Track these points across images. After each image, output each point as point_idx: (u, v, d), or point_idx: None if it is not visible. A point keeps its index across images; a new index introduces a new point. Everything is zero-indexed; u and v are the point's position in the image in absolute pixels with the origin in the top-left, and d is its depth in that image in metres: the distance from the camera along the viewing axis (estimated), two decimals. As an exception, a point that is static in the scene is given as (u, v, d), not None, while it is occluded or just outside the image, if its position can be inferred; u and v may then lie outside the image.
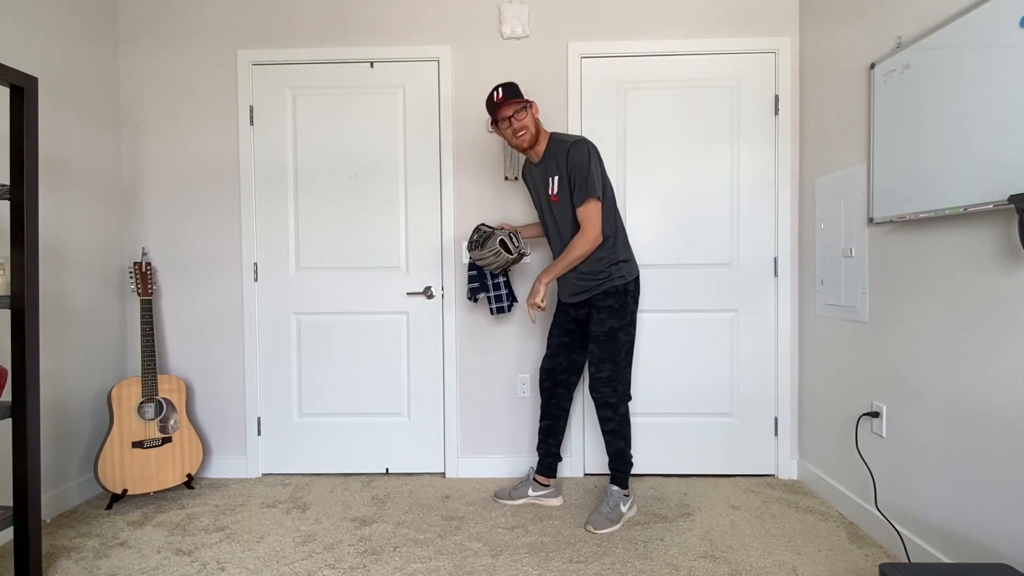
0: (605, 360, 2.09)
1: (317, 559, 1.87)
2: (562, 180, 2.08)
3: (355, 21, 2.57)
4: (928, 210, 1.68)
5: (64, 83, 2.31)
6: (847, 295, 2.16)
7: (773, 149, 2.52)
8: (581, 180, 2.02)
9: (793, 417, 2.56)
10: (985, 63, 1.49)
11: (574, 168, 2.03)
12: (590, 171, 2.01)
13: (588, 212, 2.03)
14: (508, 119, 2.07)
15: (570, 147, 2.05)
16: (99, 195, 2.47)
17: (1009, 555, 1.46)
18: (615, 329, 2.09)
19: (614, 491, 2.14)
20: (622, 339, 2.10)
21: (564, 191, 2.08)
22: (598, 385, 2.10)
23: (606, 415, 2.12)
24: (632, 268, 2.14)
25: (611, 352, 2.08)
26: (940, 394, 1.70)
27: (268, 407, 2.65)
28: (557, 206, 2.13)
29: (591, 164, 2.02)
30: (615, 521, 2.07)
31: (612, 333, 2.09)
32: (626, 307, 2.10)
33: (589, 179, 2.01)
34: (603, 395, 2.10)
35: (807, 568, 1.79)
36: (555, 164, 2.10)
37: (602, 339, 2.09)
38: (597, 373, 2.10)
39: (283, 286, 2.62)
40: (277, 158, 2.60)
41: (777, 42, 2.50)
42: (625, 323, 2.10)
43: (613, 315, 2.09)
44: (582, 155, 2.02)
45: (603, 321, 2.09)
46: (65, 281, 2.29)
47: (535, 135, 2.10)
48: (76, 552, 1.94)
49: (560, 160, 2.07)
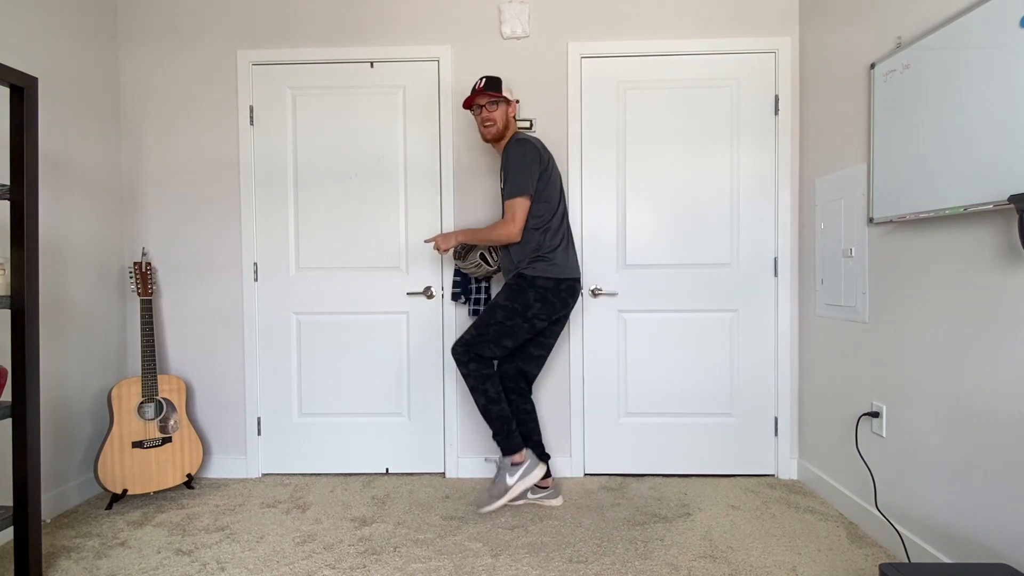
0: (474, 326, 2.13)
1: (317, 559, 1.87)
2: (502, 175, 2.16)
3: (355, 21, 2.57)
4: (928, 210, 1.68)
5: (64, 83, 2.31)
6: (847, 295, 2.16)
7: (773, 149, 2.52)
8: (513, 175, 2.07)
9: (793, 417, 2.56)
10: (985, 63, 1.49)
11: (508, 162, 2.09)
12: (523, 167, 2.06)
13: (512, 206, 2.08)
14: (480, 107, 2.16)
15: (508, 145, 2.13)
16: (99, 195, 2.47)
17: (1009, 555, 1.46)
18: (498, 305, 2.11)
19: (502, 462, 2.11)
20: (498, 318, 2.09)
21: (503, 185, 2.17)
22: (456, 344, 2.15)
23: (461, 372, 2.15)
24: (552, 268, 2.12)
25: (483, 321, 2.11)
26: (940, 394, 1.70)
27: (268, 407, 2.65)
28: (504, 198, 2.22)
29: (526, 161, 2.07)
30: (499, 496, 2.05)
31: (493, 307, 2.12)
32: (522, 294, 2.09)
33: (520, 175, 2.06)
34: (456, 353, 2.15)
35: (807, 568, 1.79)
36: (503, 159, 2.19)
37: (487, 308, 2.15)
38: (463, 334, 2.16)
39: (283, 286, 2.62)
40: (277, 158, 2.60)
41: (777, 42, 2.50)
42: (511, 307, 2.09)
43: (505, 292, 2.12)
44: (518, 152, 2.08)
45: (498, 295, 2.15)
46: (65, 281, 2.29)
47: (501, 131, 2.18)
48: (76, 552, 1.94)
49: (504, 156, 2.15)
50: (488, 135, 2.19)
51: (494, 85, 2.15)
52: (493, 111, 2.15)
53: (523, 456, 2.11)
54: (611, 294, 2.57)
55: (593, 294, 2.57)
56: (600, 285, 2.57)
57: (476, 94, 2.15)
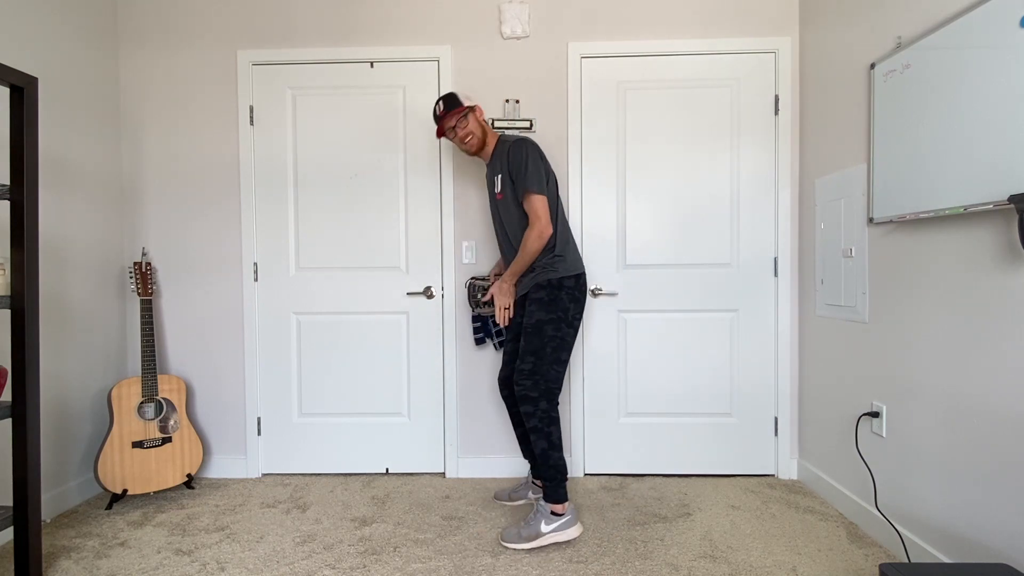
0: (528, 353, 2.01)
1: (317, 559, 1.87)
2: (504, 178, 2.09)
3: (355, 21, 2.57)
4: (928, 210, 1.68)
5: (64, 83, 2.31)
6: (847, 295, 2.16)
7: (773, 149, 2.52)
8: (520, 176, 2.02)
9: (793, 417, 2.56)
10: (985, 63, 1.49)
11: (514, 165, 2.04)
12: (528, 167, 2.02)
13: (532, 205, 2.01)
14: (452, 128, 2.12)
15: (509, 146, 2.07)
16: (99, 195, 2.47)
17: (1009, 555, 1.46)
18: (542, 322, 2.01)
19: (541, 507, 1.98)
20: (549, 333, 2.01)
21: (507, 188, 2.09)
22: (519, 377, 2.01)
23: (527, 410, 2.00)
24: (570, 265, 2.06)
25: (536, 345, 2.00)
26: (940, 394, 1.70)
27: (268, 407, 2.65)
28: (502, 204, 2.14)
29: (529, 160, 2.03)
30: (528, 539, 1.92)
31: (539, 326, 2.01)
32: (557, 302, 2.02)
33: (528, 174, 2.01)
34: (523, 388, 1.99)
35: (807, 568, 1.79)
36: (499, 164, 2.12)
37: (529, 331, 2.02)
38: (520, 366, 2.02)
39: (283, 286, 2.62)
40: (277, 158, 2.60)
41: (777, 42, 2.50)
42: (555, 318, 2.01)
43: (542, 308, 2.03)
44: (521, 152, 2.03)
45: (532, 313, 2.04)
46: (65, 281, 2.29)
47: (482, 139, 2.14)
48: (76, 552, 1.94)
49: (503, 160, 2.10)
50: (473, 147, 2.15)
51: (452, 102, 2.09)
52: (466, 125, 2.11)
53: (565, 508, 1.98)
54: (611, 294, 2.57)
55: (593, 294, 2.57)
56: (600, 285, 2.57)
57: (443, 119, 2.10)
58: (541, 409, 1.99)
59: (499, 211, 2.16)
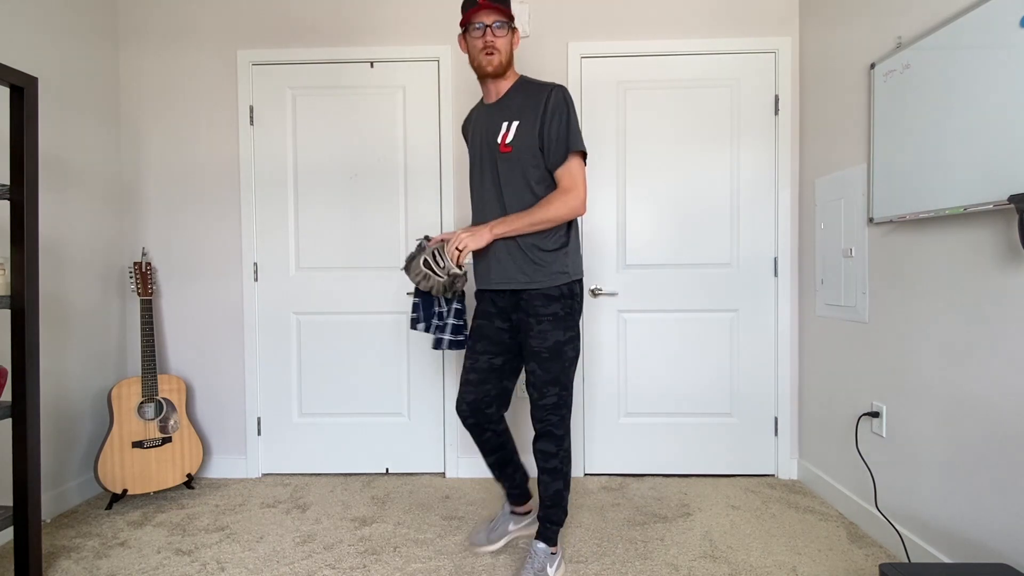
0: (549, 383, 1.67)
1: (317, 559, 1.87)
2: (525, 127, 1.65)
3: (355, 21, 2.57)
4: (928, 210, 1.68)
5: (64, 83, 2.31)
6: (847, 295, 2.16)
7: (773, 149, 2.52)
8: (563, 130, 1.62)
9: (793, 417, 2.56)
10: (985, 63, 1.49)
11: (555, 114, 1.62)
12: (573, 122, 1.64)
13: (572, 171, 1.63)
14: (485, 28, 1.62)
15: (553, 89, 1.64)
16: (99, 195, 2.47)
17: (1009, 555, 1.46)
18: (561, 344, 1.66)
19: (539, 550, 1.73)
20: (569, 355, 1.69)
21: (524, 139, 1.65)
22: (543, 413, 1.69)
23: (548, 449, 1.70)
24: (579, 266, 1.75)
25: (557, 373, 1.67)
26: (940, 394, 1.70)
27: (268, 407, 2.65)
28: (506, 159, 1.67)
29: (574, 115, 1.65)
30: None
31: (558, 349, 1.66)
32: (573, 314, 1.70)
33: (573, 131, 1.63)
34: (548, 424, 1.69)
35: (807, 568, 1.79)
36: (519, 108, 1.67)
37: (545, 356, 1.66)
38: (541, 399, 1.68)
39: (283, 286, 2.62)
40: (277, 158, 2.60)
41: (777, 42, 2.50)
42: (572, 335, 1.69)
43: (559, 325, 1.66)
44: (567, 102, 1.64)
45: (546, 334, 1.65)
46: (65, 281, 2.29)
47: (506, 65, 1.68)
48: (76, 552, 1.94)
49: (533, 103, 1.65)
50: (490, 67, 1.66)
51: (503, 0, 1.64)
52: (501, 36, 1.64)
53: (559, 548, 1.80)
54: (611, 294, 2.57)
55: (593, 294, 2.57)
56: (600, 285, 2.57)
57: (482, 8, 1.61)
58: (564, 449, 1.72)
59: (497, 169, 1.70)
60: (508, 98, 1.71)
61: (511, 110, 1.69)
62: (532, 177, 1.66)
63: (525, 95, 1.68)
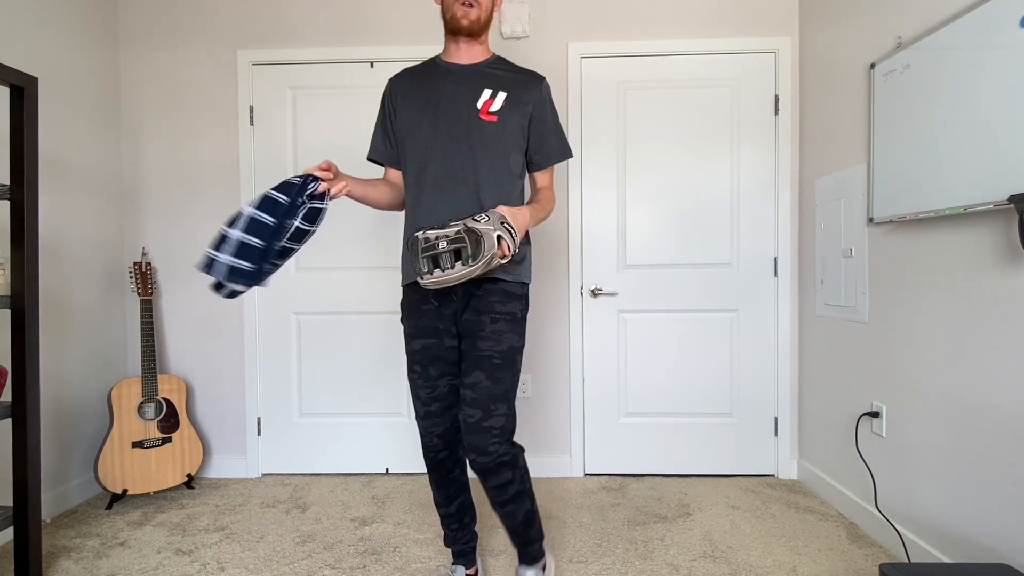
0: (499, 399, 1.40)
1: (317, 559, 1.87)
2: (513, 104, 1.47)
3: (355, 21, 2.57)
4: (928, 210, 1.68)
5: (64, 83, 2.30)
6: (847, 295, 2.16)
7: (773, 149, 2.52)
8: (557, 133, 1.56)
9: (793, 417, 2.56)
10: (985, 63, 1.49)
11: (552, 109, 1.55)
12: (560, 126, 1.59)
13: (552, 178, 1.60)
14: None
15: (545, 82, 1.55)
16: (99, 195, 2.47)
17: (1009, 555, 1.46)
18: (516, 350, 1.45)
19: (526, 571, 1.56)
20: (518, 366, 1.48)
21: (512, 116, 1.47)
22: (488, 441, 1.39)
23: (505, 479, 1.43)
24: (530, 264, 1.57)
25: (508, 387, 1.43)
26: (940, 394, 1.70)
27: (268, 407, 2.65)
28: (488, 128, 1.45)
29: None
30: None
31: (511, 356, 1.44)
32: (524, 319, 1.50)
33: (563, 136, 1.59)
34: (497, 454, 1.40)
35: (807, 568, 1.79)
36: (507, 82, 1.49)
37: (497, 363, 1.40)
38: (486, 420, 1.39)
39: (283, 286, 2.62)
40: (277, 158, 2.60)
41: (777, 42, 2.50)
42: (523, 343, 1.49)
43: (516, 328, 1.45)
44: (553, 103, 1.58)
45: (501, 335, 1.41)
46: (65, 281, 2.29)
47: (483, 24, 1.49)
48: (76, 552, 1.94)
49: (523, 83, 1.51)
50: (465, 19, 1.44)
51: None
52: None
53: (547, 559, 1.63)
54: (611, 294, 2.57)
55: (593, 294, 2.57)
56: (600, 285, 2.57)
57: None
58: (521, 467, 1.48)
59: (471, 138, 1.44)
60: (489, 66, 1.52)
61: (495, 79, 1.49)
62: (513, 160, 1.48)
63: (514, 73, 1.53)
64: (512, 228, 1.30)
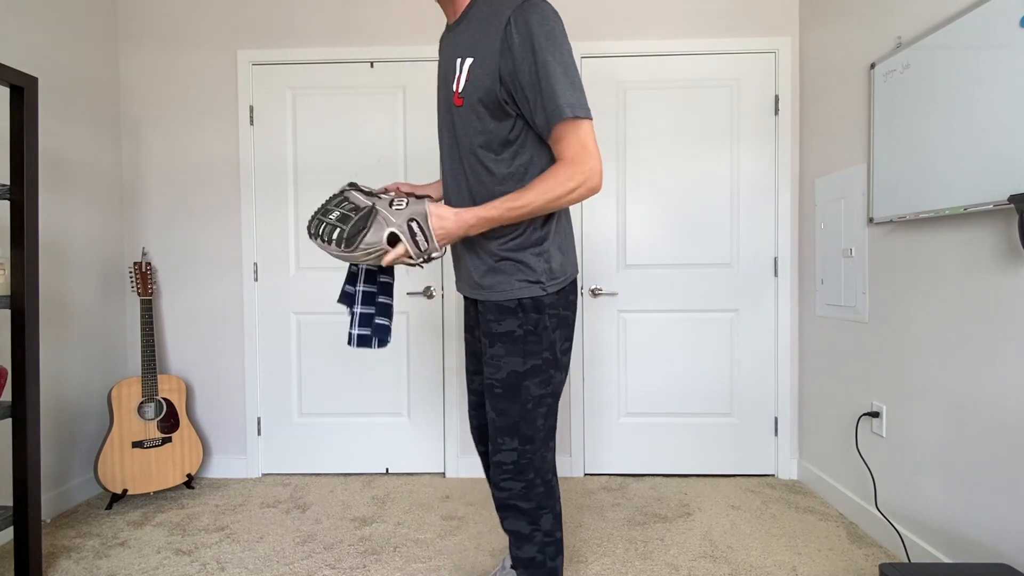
0: (506, 432, 1.21)
1: (317, 559, 1.87)
2: (483, 65, 1.11)
3: (355, 21, 2.57)
4: (928, 210, 1.68)
5: (64, 83, 2.30)
6: (847, 295, 2.16)
7: (773, 149, 2.52)
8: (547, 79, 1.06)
9: (793, 417, 2.56)
10: (985, 63, 1.49)
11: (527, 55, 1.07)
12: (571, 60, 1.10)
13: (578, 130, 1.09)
14: None
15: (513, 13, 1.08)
16: (99, 195, 2.47)
17: (1009, 555, 1.46)
18: (517, 375, 1.19)
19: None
20: (533, 392, 1.20)
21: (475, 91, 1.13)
22: (499, 475, 1.22)
23: (518, 529, 1.22)
24: (565, 265, 1.23)
25: (515, 418, 1.20)
26: (940, 394, 1.70)
27: (268, 407, 2.65)
28: (459, 113, 1.17)
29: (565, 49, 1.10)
30: None
31: (514, 384, 1.19)
32: (540, 335, 1.19)
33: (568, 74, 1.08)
34: (507, 494, 1.21)
35: (807, 568, 1.79)
36: (475, 36, 1.14)
37: (498, 392, 1.21)
38: (495, 454, 1.23)
39: (283, 286, 2.62)
40: (277, 158, 2.60)
41: (777, 42, 2.50)
42: (539, 364, 1.20)
43: (515, 349, 1.19)
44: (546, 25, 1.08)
45: (498, 361, 1.20)
46: (65, 281, 2.29)
47: None
48: (76, 552, 1.94)
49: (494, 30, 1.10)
50: None
51: None
52: None
53: None
54: (611, 294, 2.57)
55: (593, 294, 2.57)
56: (600, 285, 2.57)
57: None
58: (544, 531, 1.22)
59: (455, 127, 1.21)
60: (467, 21, 1.18)
61: (466, 41, 1.15)
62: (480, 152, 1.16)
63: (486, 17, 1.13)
64: (424, 229, 1.11)
